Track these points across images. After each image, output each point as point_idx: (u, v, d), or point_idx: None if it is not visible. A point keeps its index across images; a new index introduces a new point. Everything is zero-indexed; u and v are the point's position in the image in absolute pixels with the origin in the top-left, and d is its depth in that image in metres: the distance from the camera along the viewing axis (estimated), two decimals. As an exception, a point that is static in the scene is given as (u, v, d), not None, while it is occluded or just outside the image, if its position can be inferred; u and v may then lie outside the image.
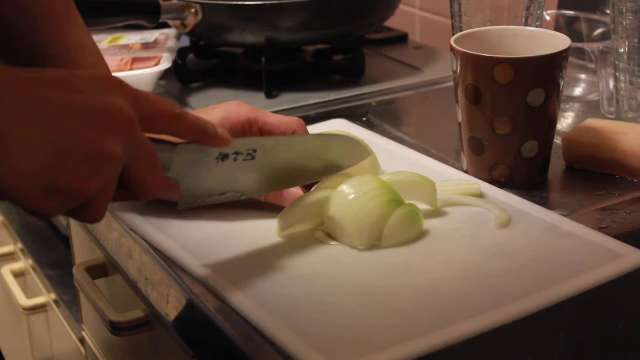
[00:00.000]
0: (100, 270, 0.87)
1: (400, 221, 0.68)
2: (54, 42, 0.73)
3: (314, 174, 0.70)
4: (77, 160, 0.49)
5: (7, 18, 0.72)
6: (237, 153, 0.63)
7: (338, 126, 0.90)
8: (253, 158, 0.64)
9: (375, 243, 0.68)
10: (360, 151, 0.73)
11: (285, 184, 0.69)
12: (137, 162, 0.54)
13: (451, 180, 0.77)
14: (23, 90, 0.48)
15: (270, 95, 1.07)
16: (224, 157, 0.62)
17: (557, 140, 0.82)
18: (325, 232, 0.70)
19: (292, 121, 0.73)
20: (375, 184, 0.68)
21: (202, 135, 0.59)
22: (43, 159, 0.48)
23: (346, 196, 0.68)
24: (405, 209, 0.68)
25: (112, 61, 1.07)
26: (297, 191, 0.72)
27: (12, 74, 0.49)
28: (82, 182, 0.50)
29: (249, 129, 0.73)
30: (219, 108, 0.74)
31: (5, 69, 0.49)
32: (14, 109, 0.47)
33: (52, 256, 1.32)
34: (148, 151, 0.55)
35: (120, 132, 0.51)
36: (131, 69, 1.05)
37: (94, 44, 0.76)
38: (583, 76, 1.05)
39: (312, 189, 0.71)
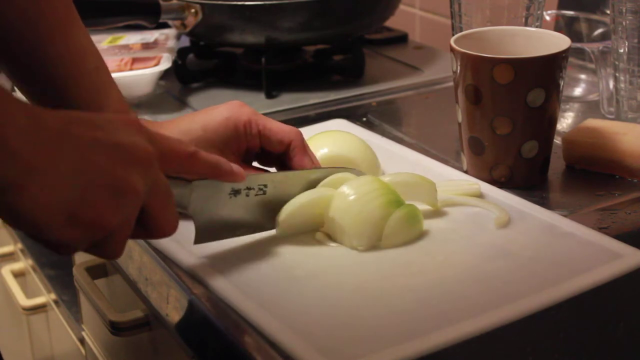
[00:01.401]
0: (100, 270, 0.87)
1: (400, 221, 0.68)
2: (55, 44, 0.73)
3: None
4: (102, 192, 0.51)
5: (6, 20, 0.71)
6: (248, 188, 0.66)
7: (338, 126, 0.90)
8: (264, 193, 0.67)
9: (375, 243, 0.68)
10: None
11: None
12: (154, 199, 0.55)
13: (451, 180, 0.77)
14: (53, 125, 0.50)
15: (270, 95, 1.07)
16: (236, 192, 0.65)
17: (557, 140, 0.82)
18: (325, 233, 0.70)
19: (291, 131, 0.74)
20: (375, 185, 0.68)
21: (216, 171, 0.62)
22: (70, 190, 0.49)
23: (346, 197, 0.68)
24: (405, 210, 0.68)
25: (112, 61, 1.07)
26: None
27: (44, 111, 0.50)
28: (106, 214, 0.51)
29: (250, 129, 0.73)
30: (221, 108, 0.74)
31: (37, 108, 0.51)
32: (45, 142, 0.49)
33: (52, 256, 1.32)
34: (164, 188, 0.56)
35: (141, 167, 0.53)
36: (131, 69, 1.05)
37: (94, 46, 0.76)
38: (583, 76, 1.05)
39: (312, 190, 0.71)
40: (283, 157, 0.74)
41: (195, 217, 0.64)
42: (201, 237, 0.65)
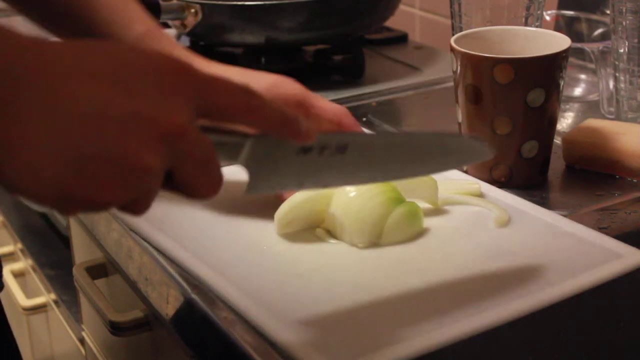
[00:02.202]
0: (100, 270, 0.87)
1: (401, 219, 0.68)
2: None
3: (420, 171, 0.62)
4: (104, 172, 0.43)
5: None
6: (323, 147, 0.53)
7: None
8: (343, 153, 0.54)
9: (375, 241, 0.68)
10: (480, 149, 0.62)
11: (383, 178, 0.61)
12: (185, 166, 0.46)
13: (451, 180, 0.77)
14: (44, 73, 0.41)
15: (270, 95, 1.07)
16: (306, 150, 0.53)
17: (557, 140, 0.82)
18: (325, 229, 0.70)
19: (340, 110, 0.71)
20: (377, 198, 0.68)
21: (283, 129, 0.50)
22: (61, 168, 0.42)
23: (347, 194, 0.68)
24: (405, 207, 0.68)
25: (112, 61, 1.07)
26: None
27: (29, 43, 0.41)
28: (107, 195, 0.44)
29: (297, 107, 0.70)
30: (268, 76, 0.70)
31: (20, 37, 0.41)
32: (28, 101, 0.40)
33: (52, 256, 1.32)
34: (204, 154, 0.47)
35: (164, 143, 0.44)
36: (131, 69, 1.05)
37: (143, 10, 0.72)
38: (583, 76, 1.05)
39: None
40: None
41: (250, 171, 0.52)
42: (254, 189, 0.53)
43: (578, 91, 1.04)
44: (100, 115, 0.42)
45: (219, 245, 0.68)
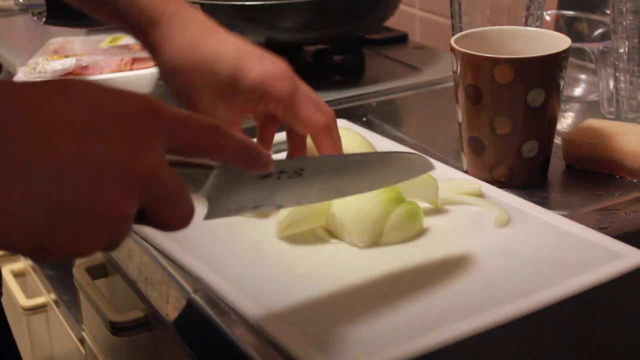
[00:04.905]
0: (100, 270, 0.87)
1: (401, 219, 0.68)
2: None
3: (363, 188, 0.64)
4: (79, 222, 0.42)
5: None
6: (281, 172, 0.56)
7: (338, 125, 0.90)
8: (299, 175, 0.57)
9: (375, 240, 0.68)
10: (421, 165, 0.65)
11: (334, 196, 0.62)
12: (158, 205, 0.46)
13: (451, 180, 0.77)
14: (20, 124, 0.40)
15: (270, 95, 1.07)
16: (265, 176, 0.55)
17: (557, 140, 0.82)
18: (325, 229, 0.70)
19: (320, 123, 0.70)
20: None
21: (246, 162, 0.51)
22: (36, 220, 0.41)
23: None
24: (405, 207, 0.68)
25: (112, 61, 1.07)
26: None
27: (4, 93, 0.41)
28: (82, 245, 0.43)
29: (273, 107, 0.69)
30: (261, 65, 0.69)
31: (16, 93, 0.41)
32: (2, 152, 0.40)
33: (52, 256, 1.32)
34: (174, 194, 0.47)
35: (139, 188, 0.44)
36: (131, 69, 1.05)
37: None
38: (583, 76, 1.05)
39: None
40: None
41: (210, 200, 0.54)
42: (214, 214, 0.55)
43: (578, 91, 1.04)
44: (76, 166, 0.41)
45: (219, 246, 0.68)
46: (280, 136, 0.75)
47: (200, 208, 0.52)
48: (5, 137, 0.40)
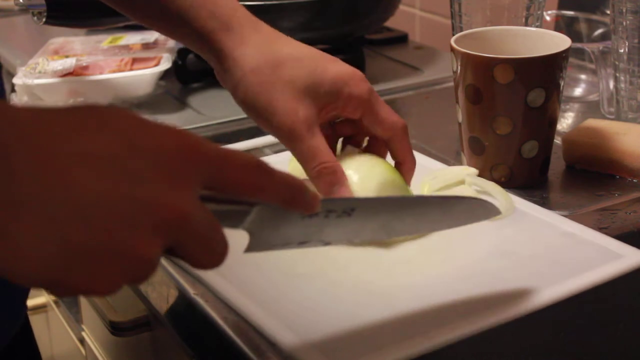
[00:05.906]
0: (100, 270, 0.87)
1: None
2: None
3: (426, 229, 0.63)
4: (99, 264, 0.39)
5: None
6: (330, 211, 0.52)
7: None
8: (349, 215, 0.53)
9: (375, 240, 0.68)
10: (485, 211, 0.61)
11: (386, 236, 0.59)
12: (189, 246, 0.43)
13: (447, 168, 0.78)
14: (41, 157, 0.37)
15: (270, 95, 1.07)
16: (312, 215, 0.51)
17: (557, 140, 0.82)
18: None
19: (396, 126, 0.70)
20: (378, 181, 0.68)
21: (290, 203, 0.48)
22: (52, 257, 0.38)
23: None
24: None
25: (112, 61, 1.07)
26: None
27: (27, 126, 0.38)
28: (100, 285, 0.40)
29: (357, 109, 0.68)
30: (337, 67, 0.68)
31: (18, 114, 0.38)
32: (21, 186, 0.37)
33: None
34: (206, 234, 0.44)
35: (165, 230, 0.41)
36: (131, 69, 1.05)
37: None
38: (583, 76, 1.05)
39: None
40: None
41: (252, 234, 0.50)
42: (255, 248, 0.52)
43: (578, 91, 1.04)
44: (98, 205, 0.38)
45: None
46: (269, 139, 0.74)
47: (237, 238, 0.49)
48: (18, 169, 0.37)
